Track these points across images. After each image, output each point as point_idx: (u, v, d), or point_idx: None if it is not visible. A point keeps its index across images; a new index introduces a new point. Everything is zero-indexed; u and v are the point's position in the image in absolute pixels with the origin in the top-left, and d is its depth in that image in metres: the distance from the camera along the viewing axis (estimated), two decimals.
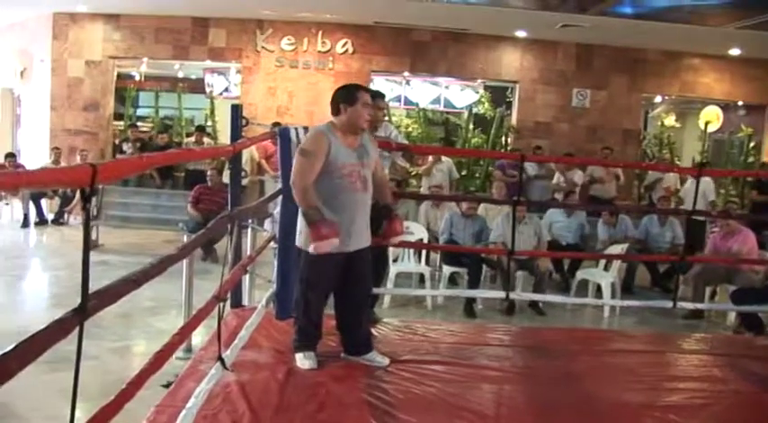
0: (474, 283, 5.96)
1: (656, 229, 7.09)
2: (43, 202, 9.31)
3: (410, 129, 10.80)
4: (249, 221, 4.47)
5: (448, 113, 11.62)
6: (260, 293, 4.43)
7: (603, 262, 6.58)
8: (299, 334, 3.29)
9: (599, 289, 6.23)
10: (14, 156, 9.59)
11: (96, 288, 1.70)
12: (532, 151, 9.17)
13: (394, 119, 10.53)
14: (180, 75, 12.99)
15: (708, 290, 6.09)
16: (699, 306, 5.48)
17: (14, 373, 1.31)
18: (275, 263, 3.90)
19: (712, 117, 11.24)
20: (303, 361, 3.20)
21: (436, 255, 6.76)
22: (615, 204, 8.64)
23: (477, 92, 11.23)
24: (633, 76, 10.37)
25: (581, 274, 6.49)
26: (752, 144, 10.58)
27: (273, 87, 10.05)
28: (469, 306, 5.82)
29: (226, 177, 6.83)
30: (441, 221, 6.59)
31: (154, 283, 2.12)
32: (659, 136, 11.48)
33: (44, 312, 5.22)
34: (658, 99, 12.27)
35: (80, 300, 1.59)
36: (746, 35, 8.51)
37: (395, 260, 6.20)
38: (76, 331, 1.56)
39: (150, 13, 9.75)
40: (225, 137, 6.75)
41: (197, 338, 4.02)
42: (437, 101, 11.25)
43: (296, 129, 3.77)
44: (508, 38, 10.15)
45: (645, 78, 10.42)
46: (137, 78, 13.02)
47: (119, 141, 10.17)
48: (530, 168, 8.46)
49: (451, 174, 8.48)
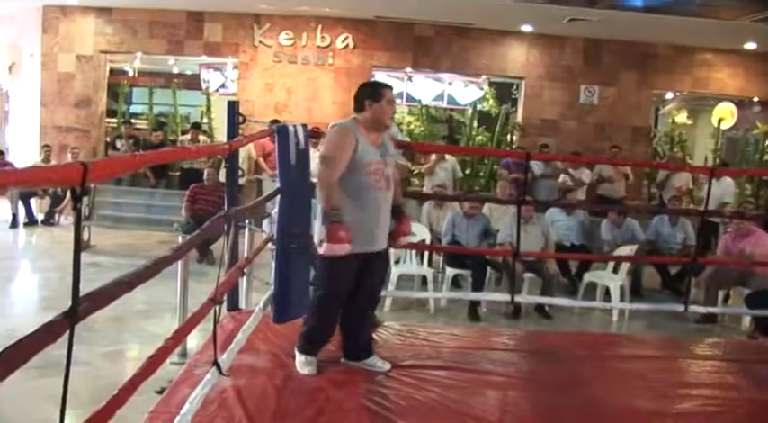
0: (478, 286, 5.91)
1: (667, 230, 7.01)
2: (33, 202, 9.18)
3: (413, 126, 10.80)
4: (246, 222, 4.44)
5: (451, 110, 11.63)
6: (257, 296, 4.41)
7: (612, 264, 6.47)
8: (307, 335, 3.24)
9: (607, 292, 6.15)
10: (3, 154, 9.48)
11: (88, 291, 1.68)
12: (539, 149, 9.07)
13: (396, 116, 10.32)
14: (175, 70, 12.94)
15: (721, 293, 6.00)
16: (711, 310, 5.40)
17: (2, 379, 1.30)
18: (273, 264, 3.83)
19: (726, 114, 10.94)
20: (303, 366, 3.18)
21: (439, 256, 6.71)
22: (625, 204, 8.55)
23: (481, 88, 11.13)
24: (643, 72, 10.14)
25: (589, 277, 6.41)
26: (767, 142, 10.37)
27: (271, 83, 9.86)
28: (473, 309, 5.77)
29: (222, 176, 6.73)
30: (444, 222, 6.48)
31: (147, 286, 2.09)
32: (670, 134, 11.35)
33: (33, 316, 5.14)
34: (669, 95, 12.13)
35: (71, 303, 1.57)
36: (762, 28, 8.35)
37: (396, 262, 6.14)
38: (67, 335, 1.55)
39: (143, 7, 9.57)
40: (221, 134, 6.69)
41: (192, 342, 3.95)
42: (440, 97, 11.14)
43: (294, 126, 3.73)
44: (514, 32, 9.96)
45: (655, 74, 10.19)
46: (130, 74, 12.98)
47: (111, 139, 10.07)
48: (536, 167, 8.33)
49: (455, 173, 8.37)
